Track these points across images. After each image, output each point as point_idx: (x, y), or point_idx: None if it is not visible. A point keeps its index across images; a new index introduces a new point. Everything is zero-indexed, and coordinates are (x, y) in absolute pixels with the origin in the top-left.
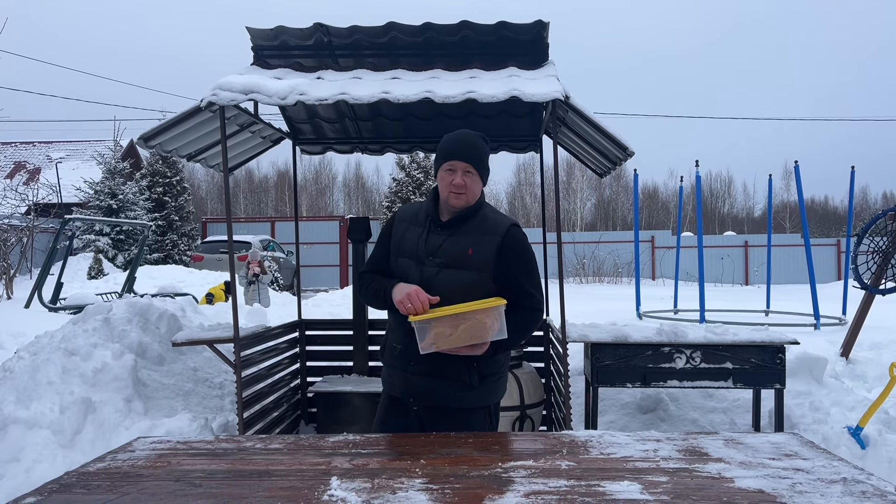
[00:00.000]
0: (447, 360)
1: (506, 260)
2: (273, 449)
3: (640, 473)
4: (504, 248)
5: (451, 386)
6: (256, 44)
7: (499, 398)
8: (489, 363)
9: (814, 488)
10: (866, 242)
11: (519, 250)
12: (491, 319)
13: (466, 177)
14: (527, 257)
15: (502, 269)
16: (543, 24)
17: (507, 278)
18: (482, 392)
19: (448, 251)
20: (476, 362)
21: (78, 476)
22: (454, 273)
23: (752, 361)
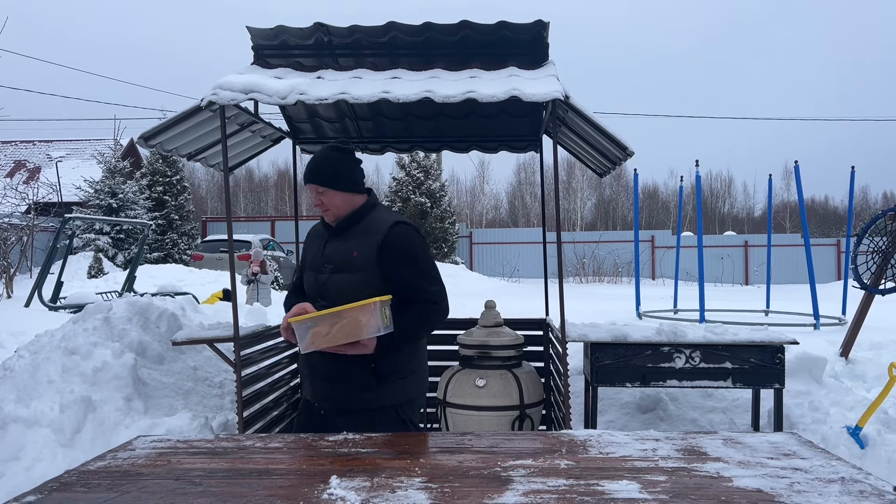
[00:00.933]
0: (344, 363)
1: (388, 257)
2: (273, 448)
3: (638, 473)
4: (385, 246)
5: (351, 388)
6: (256, 43)
7: (408, 397)
8: (388, 363)
9: (812, 487)
10: (866, 242)
11: (401, 246)
12: (366, 317)
13: (323, 196)
14: (411, 252)
15: (386, 266)
16: (543, 24)
17: (393, 275)
18: (384, 392)
19: (336, 256)
20: (373, 363)
21: (78, 474)
22: (342, 277)
23: (751, 361)
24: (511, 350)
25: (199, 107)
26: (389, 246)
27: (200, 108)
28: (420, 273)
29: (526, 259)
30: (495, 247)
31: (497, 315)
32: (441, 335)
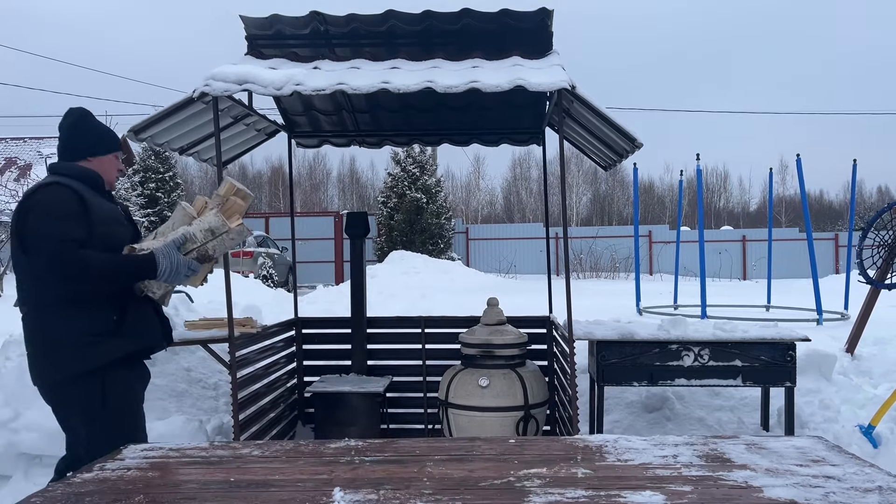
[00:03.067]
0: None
1: None
2: (271, 456)
3: (661, 482)
4: None
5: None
6: (250, 33)
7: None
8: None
9: (849, 498)
10: (871, 236)
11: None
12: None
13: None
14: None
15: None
16: (547, 12)
17: None
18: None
19: (132, 219)
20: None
21: (64, 487)
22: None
23: (761, 359)
24: (515, 349)
25: (192, 98)
26: None
27: (193, 99)
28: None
29: (523, 255)
30: (491, 242)
31: (500, 313)
32: (443, 333)
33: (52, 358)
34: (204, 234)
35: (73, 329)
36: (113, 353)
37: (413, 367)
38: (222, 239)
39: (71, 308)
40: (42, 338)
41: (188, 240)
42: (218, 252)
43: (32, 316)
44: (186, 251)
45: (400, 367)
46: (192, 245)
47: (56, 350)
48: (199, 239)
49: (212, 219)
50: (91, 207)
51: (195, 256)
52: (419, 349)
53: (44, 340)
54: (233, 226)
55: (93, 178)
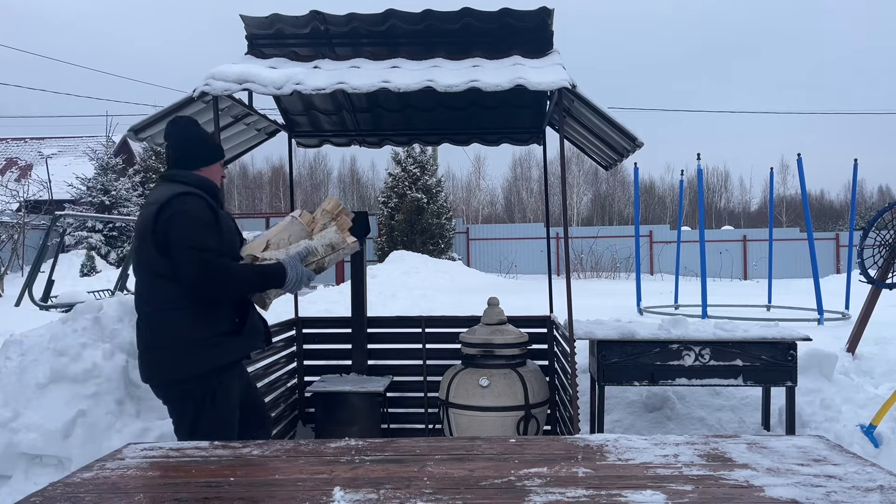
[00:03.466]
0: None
1: None
2: (271, 456)
3: (662, 481)
4: None
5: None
6: (251, 32)
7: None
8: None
9: (850, 497)
10: (872, 236)
11: None
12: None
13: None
14: None
15: None
16: (548, 11)
17: None
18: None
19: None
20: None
21: (63, 487)
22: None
23: (762, 358)
24: (515, 348)
25: (192, 98)
26: None
27: (193, 99)
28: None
29: (523, 255)
30: (492, 242)
31: (500, 312)
32: (443, 333)
33: (178, 356)
34: (325, 249)
35: (202, 330)
36: (235, 354)
37: (413, 366)
38: (338, 253)
39: (200, 310)
40: (169, 337)
41: (310, 253)
42: (329, 265)
43: (158, 316)
44: (307, 263)
45: (400, 366)
46: (313, 258)
47: (183, 349)
48: (320, 253)
49: (332, 235)
50: (219, 218)
51: (314, 268)
52: (420, 349)
53: (171, 340)
54: (349, 242)
55: (211, 188)
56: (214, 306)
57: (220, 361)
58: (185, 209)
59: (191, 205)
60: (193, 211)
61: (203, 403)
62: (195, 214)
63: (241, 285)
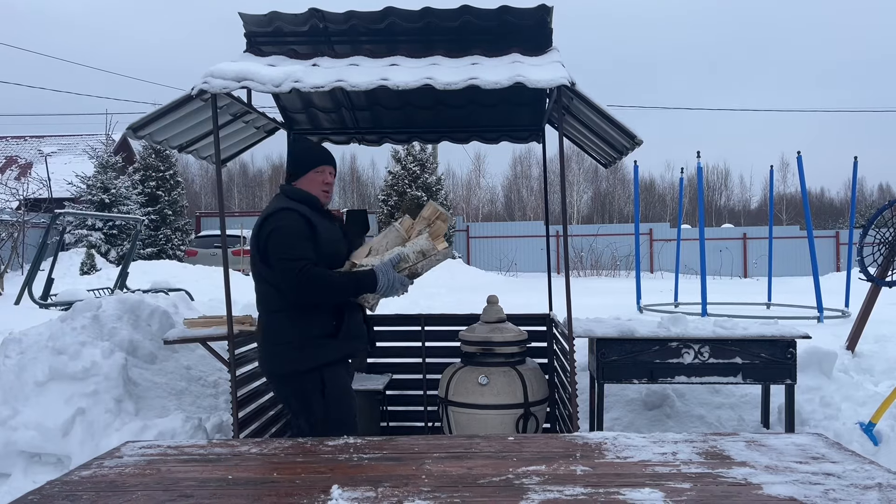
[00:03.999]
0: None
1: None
2: (269, 454)
3: (660, 479)
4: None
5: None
6: (249, 30)
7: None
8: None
9: (848, 495)
10: (872, 234)
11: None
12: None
13: (332, 178)
14: None
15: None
16: (547, 9)
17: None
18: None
19: (340, 234)
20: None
21: (61, 485)
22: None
23: (762, 356)
24: (515, 346)
25: (190, 96)
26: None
27: (191, 97)
28: None
29: (523, 253)
30: (492, 241)
31: (500, 310)
32: (442, 331)
33: (281, 355)
34: (416, 256)
35: (300, 332)
36: (332, 355)
37: (413, 364)
38: (430, 260)
39: (299, 313)
40: (274, 337)
41: (402, 259)
42: (424, 270)
43: (266, 318)
44: (400, 269)
45: (400, 364)
46: (405, 264)
47: (285, 349)
48: (412, 259)
49: (423, 242)
50: (317, 229)
51: (407, 274)
52: (419, 347)
53: (275, 340)
54: (440, 248)
55: (309, 200)
56: (312, 310)
57: (320, 361)
58: (280, 224)
59: (286, 220)
60: (288, 225)
61: (311, 398)
62: (289, 228)
63: (334, 291)
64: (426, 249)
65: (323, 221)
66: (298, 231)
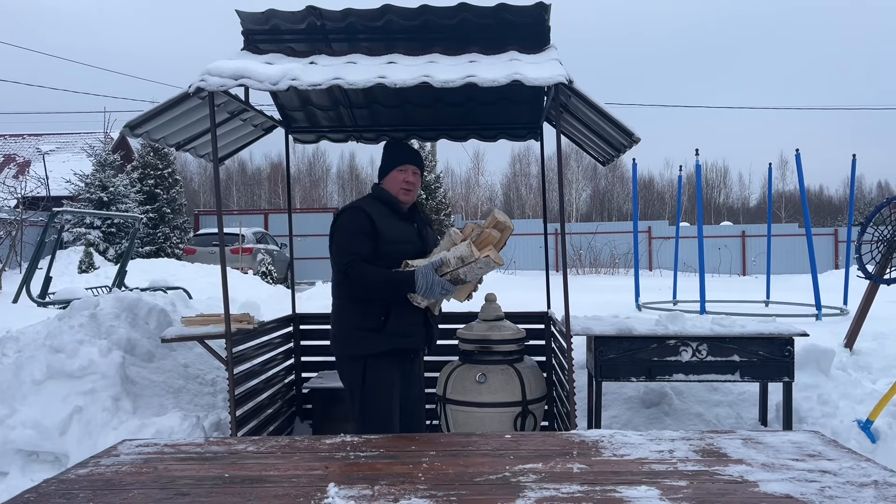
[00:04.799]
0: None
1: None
2: (266, 452)
3: (657, 477)
4: (429, 229)
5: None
6: (247, 28)
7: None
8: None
9: (844, 492)
10: (870, 232)
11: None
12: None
13: (416, 178)
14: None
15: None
16: (545, 6)
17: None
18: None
19: (415, 233)
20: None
21: (58, 483)
22: (418, 251)
23: (759, 354)
24: (512, 344)
25: (187, 94)
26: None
27: (188, 95)
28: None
29: (522, 251)
30: None
31: (498, 308)
32: (440, 329)
33: (336, 338)
34: (455, 261)
35: (350, 322)
36: (376, 348)
37: None
38: (471, 266)
39: (351, 305)
40: (334, 322)
41: (444, 264)
42: (470, 277)
43: (336, 303)
44: (442, 273)
45: None
46: (447, 269)
47: (338, 333)
48: (452, 264)
49: (463, 248)
50: (380, 228)
51: (449, 279)
52: None
53: (334, 323)
54: (481, 256)
55: (386, 199)
56: (364, 303)
57: (364, 351)
58: (343, 221)
59: (348, 217)
60: (348, 222)
61: (352, 384)
62: (349, 225)
63: (375, 288)
64: (465, 255)
65: (393, 221)
66: (357, 228)
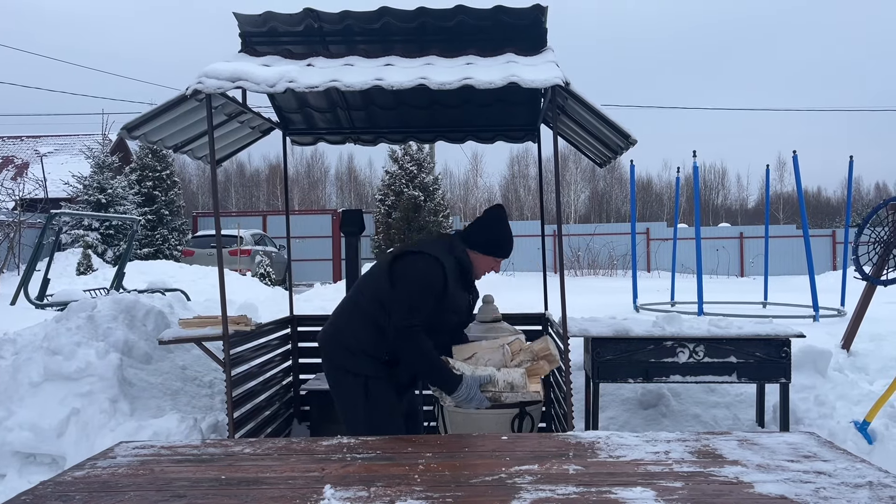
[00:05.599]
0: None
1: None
2: (263, 454)
3: (652, 478)
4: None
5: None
6: (244, 30)
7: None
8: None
9: (839, 493)
10: (867, 233)
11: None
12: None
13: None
14: None
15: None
16: (542, 9)
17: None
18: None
19: (472, 308)
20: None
21: (54, 486)
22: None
23: (756, 355)
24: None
25: (185, 96)
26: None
27: (186, 97)
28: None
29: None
30: None
31: (495, 310)
32: None
33: (337, 352)
34: (504, 384)
35: (361, 345)
36: (377, 373)
37: None
38: (516, 395)
39: (370, 331)
40: (342, 336)
41: (490, 382)
42: (509, 401)
43: (354, 310)
44: (484, 389)
45: None
46: (491, 388)
47: (342, 349)
48: (499, 386)
49: (517, 377)
50: (447, 293)
51: (489, 396)
52: None
53: (341, 337)
54: (531, 389)
55: (465, 268)
56: (381, 335)
57: (369, 372)
58: (422, 269)
59: (429, 268)
60: (428, 278)
61: (355, 396)
62: (426, 280)
63: (420, 365)
64: (517, 385)
65: (458, 289)
66: (433, 289)
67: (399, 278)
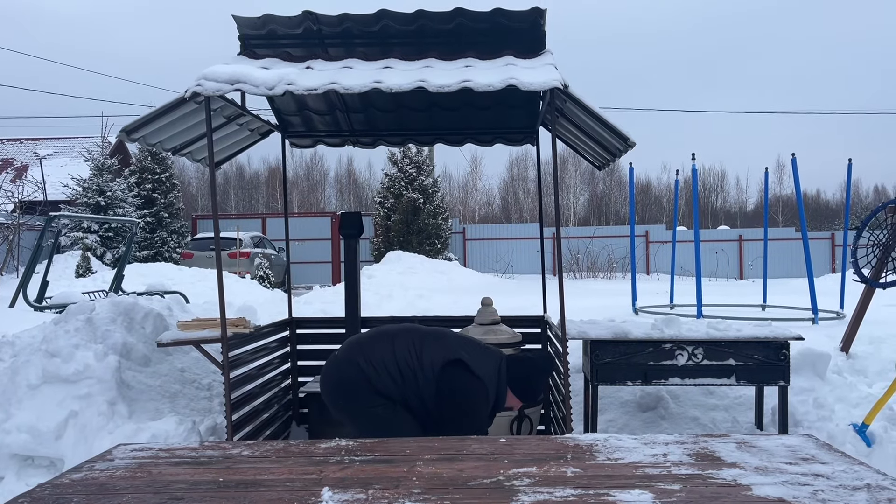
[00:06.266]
0: None
1: None
2: (261, 456)
3: (650, 481)
4: None
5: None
6: (243, 33)
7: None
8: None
9: (837, 496)
10: (866, 235)
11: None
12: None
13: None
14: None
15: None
16: (540, 12)
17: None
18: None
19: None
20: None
21: (52, 488)
22: None
23: (755, 358)
24: (509, 348)
25: (184, 98)
26: None
27: (185, 99)
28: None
29: (519, 255)
30: (488, 242)
31: (494, 312)
32: None
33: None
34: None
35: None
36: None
37: None
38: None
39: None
40: (377, 383)
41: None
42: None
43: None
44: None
45: None
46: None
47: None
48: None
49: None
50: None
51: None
52: None
53: (374, 383)
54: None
55: (501, 399)
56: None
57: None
58: (483, 393)
59: (487, 393)
60: (485, 399)
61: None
62: (484, 402)
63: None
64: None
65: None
66: (482, 411)
67: (458, 393)
